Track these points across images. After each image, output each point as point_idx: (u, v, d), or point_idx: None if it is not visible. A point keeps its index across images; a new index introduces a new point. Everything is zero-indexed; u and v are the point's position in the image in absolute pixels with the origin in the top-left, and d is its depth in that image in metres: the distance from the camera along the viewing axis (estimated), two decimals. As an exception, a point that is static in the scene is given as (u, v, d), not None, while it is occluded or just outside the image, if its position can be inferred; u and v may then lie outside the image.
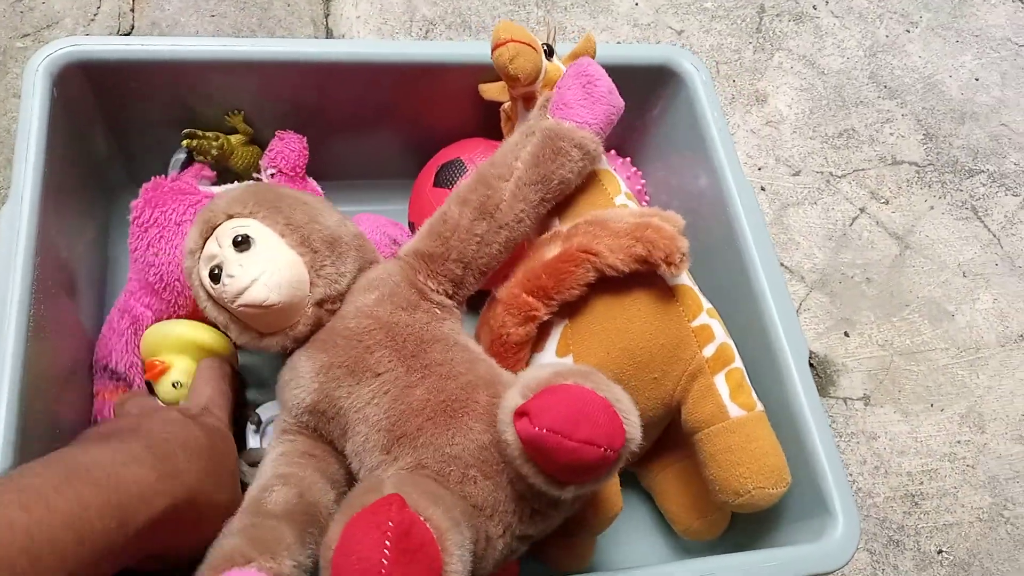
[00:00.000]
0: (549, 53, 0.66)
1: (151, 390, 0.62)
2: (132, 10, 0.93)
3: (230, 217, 0.55)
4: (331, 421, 0.55)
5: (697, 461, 0.60)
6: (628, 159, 0.79)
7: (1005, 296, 0.95)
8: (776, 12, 1.13)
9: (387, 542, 0.39)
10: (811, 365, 0.86)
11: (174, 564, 0.47)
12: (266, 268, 0.52)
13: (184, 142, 0.70)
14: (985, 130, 1.09)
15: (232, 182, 0.70)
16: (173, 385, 0.62)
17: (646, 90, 0.73)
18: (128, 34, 0.90)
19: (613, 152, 0.79)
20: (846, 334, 0.89)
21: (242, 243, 0.52)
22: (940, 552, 0.79)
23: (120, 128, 0.71)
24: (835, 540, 0.55)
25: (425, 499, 0.49)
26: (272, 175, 0.71)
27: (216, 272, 0.53)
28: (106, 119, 0.70)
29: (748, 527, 0.65)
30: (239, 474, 0.55)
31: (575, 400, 0.46)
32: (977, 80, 1.13)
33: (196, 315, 0.66)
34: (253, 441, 0.65)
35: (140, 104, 0.69)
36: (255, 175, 0.73)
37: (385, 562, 0.39)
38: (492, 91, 0.71)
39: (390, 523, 0.40)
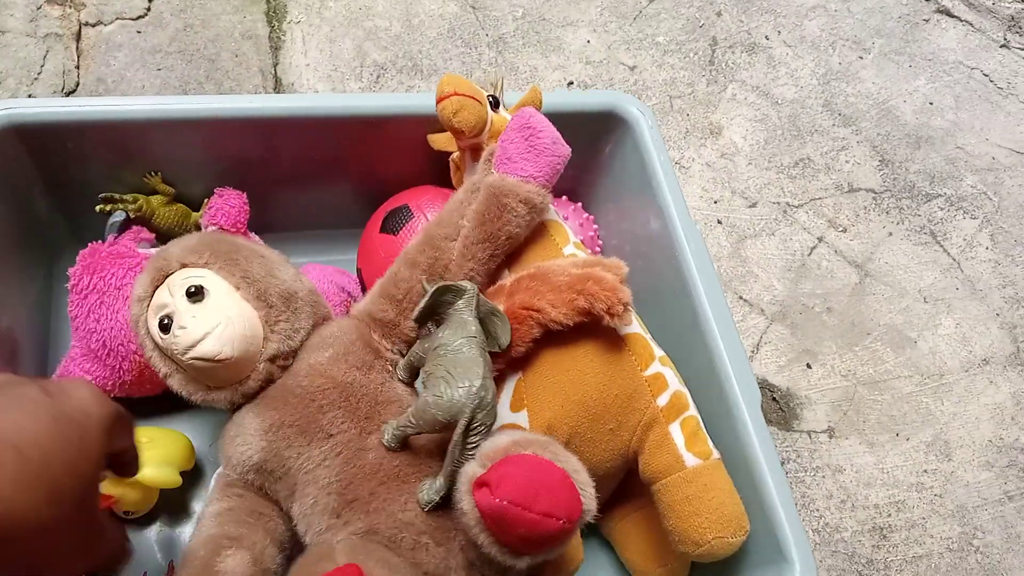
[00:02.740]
0: (495, 104, 0.65)
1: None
2: (77, 67, 0.91)
3: (184, 266, 0.53)
4: (278, 481, 0.54)
5: (656, 511, 0.60)
6: (579, 204, 0.78)
7: (967, 320, 0.95)
8: (728, 44, 1.13)
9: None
10: (774, 399, 0.85)
11: None
12: (220, 321, 0.51)
13: (98, 207, 0.68)
14: (941, 154, 1.09)
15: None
16: (125, 514, 0.62)
17: (595, 135, 0.73)
18: (73, 92, 0.89)
19: (565, 198, 0.78)
20: (808, 366, 0.88)
21: (196, 294, 0.51)
22: (910, 586, 0.79)
23: (61, 189, 0.70)
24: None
25: (380, 568, 0.48)
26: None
27: (167, 322, 0.51)
28: (45, 180, 0.68)
29: (707, 575, 0.64)
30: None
31: (534, 471, 0.45)
32: (931, 104, 1.14)
33: (142, 382, 0.65)
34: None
35: (80, 165, 0.68)
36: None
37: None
38: (440, 141, 0.71)
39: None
